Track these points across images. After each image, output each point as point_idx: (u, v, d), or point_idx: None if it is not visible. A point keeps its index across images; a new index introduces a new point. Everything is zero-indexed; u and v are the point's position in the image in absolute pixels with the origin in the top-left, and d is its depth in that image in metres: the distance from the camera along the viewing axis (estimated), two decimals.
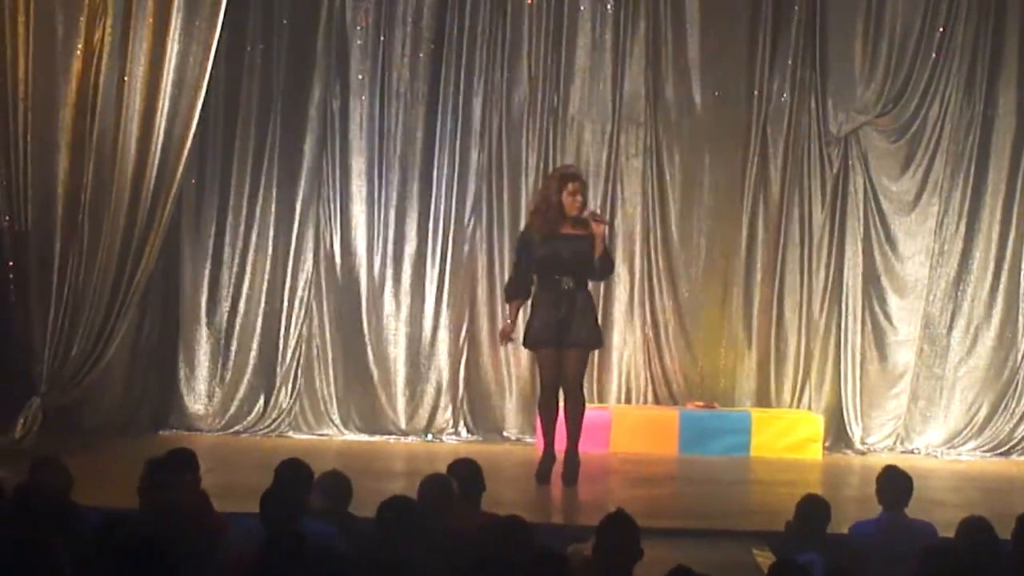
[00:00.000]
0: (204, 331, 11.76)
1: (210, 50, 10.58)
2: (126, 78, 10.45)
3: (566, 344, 9.50)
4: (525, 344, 9.86)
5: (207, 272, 11.77)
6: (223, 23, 10.65)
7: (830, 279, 12.01)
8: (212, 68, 10.74)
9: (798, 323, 12.04)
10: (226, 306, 11.77)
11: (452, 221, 11.89)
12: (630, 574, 5.41)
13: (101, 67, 10.43)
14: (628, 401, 12.00)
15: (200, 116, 10.84)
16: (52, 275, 10.46)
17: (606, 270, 9.84)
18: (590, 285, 9.79)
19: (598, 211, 9.84)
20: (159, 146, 10.52)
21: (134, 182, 10.53)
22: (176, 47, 10.47)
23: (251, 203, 11.80)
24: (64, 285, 10.45)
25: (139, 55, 10.47)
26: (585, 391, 11.63)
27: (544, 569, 4.65)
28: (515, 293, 9.89)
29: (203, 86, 10.62)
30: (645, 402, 12.00)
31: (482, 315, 11.93)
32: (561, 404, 9.69)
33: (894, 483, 7.07)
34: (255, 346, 11.78)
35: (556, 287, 9.52)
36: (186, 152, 10.68)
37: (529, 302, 9.83)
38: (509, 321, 9.97)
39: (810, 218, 12.01)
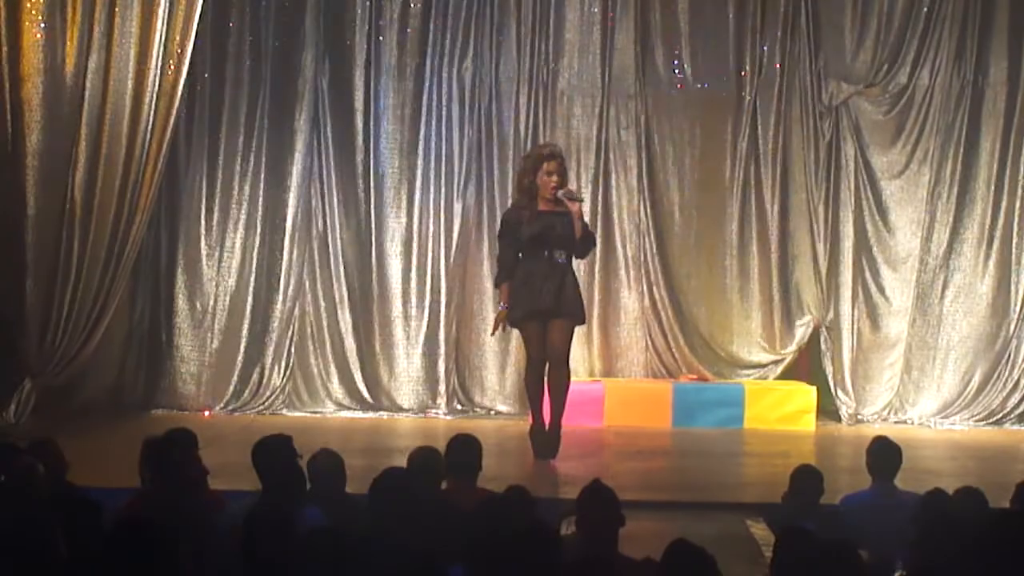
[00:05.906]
0: (196, 309, 11.75)
1: (192, 22, 10.55)
2: (113, 56, 10.46)
3: (554, 315, 9.45)
4: (511, 322, 9.72)
5: (198, 251, 11.75)
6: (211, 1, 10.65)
7: (822, 250, 11.99)
8: (200, 45, 10.72)
9: (791, 293, 12.05)
10: (217, 284, 11.74)
11: (443, 196, 11.87)
12: (616, 542, 5.43)
13: (92, 43, 10.43)
14: (626, 375, 12.01)
15: (189, 92, 10.80)
16: (44, 254, 10.47)
17: (588, 248, 9.79)
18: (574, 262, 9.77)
19: (573, 190, 9.77)
20: (146, 123, 10.52)
21: (125, 160, 10.54)
22: (161, 23, 10.45)
23: (241, 180, 11.78)
24: (56, 263, 10.47)
25: (129, 31, 10.47)
26: (583, 365, 11.72)
27: (535, 543, 4.65)
28: (505, 276, 9.70)
29: (186, 61, 10.62)
30: (644, 376, 12.02)
31: (473, 289, 11.92)
32: (546, 378, 9.65)
33: (884, 454, 7.09)
34: (247, 324, 11.77)
35: (548, 261, 9.48)
36: (170, 128, 10.68)
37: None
38: (504, 305, 9.70)
39: (802, 189, 12.00)
